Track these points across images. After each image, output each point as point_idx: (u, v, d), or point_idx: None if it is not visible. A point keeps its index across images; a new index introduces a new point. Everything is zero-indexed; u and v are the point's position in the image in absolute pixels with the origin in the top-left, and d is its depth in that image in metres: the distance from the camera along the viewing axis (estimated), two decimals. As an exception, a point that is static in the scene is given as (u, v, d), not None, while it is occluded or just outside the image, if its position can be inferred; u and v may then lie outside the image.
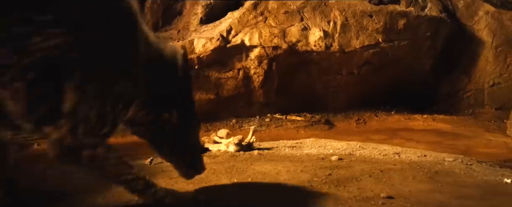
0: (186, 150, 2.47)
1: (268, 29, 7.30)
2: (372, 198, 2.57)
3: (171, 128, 2.34)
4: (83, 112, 1.85)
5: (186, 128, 2.42)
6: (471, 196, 2.65)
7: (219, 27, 7.38)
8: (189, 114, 2.43)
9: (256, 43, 7.18)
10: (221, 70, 7.22)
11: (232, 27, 7.31)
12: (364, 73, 7.96)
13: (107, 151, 2.01)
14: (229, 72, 7.26)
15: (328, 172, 3.16)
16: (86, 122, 1.86)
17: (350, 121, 7.73)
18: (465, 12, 8.52)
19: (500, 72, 8.09)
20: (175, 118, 2.33)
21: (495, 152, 5.63)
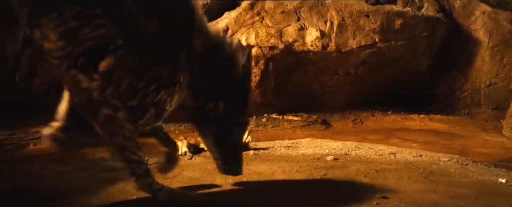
0: (226, 145, 2.54)
1: (265, 29, 7.30)
2: (366, 198, 2.57)
3: (215, 119, 2.44)
4: (117, 76, 1.99)
5: (231, 124, 2.49)
6: (466, 196, 2.65)
7: (216, 27, 7.37)
8: (238, 111, 2.52)
9: (252, 43, 7.18)
10: (217, 70, 7.20)
11: (228, 27, 7.31)
12: (361, 73, 7.96)
13: (124, 121, 2.05)
14: (226, 72, 7.24)
15: (324, 172, 3.16)
16: (117, 86, 2.00)
17: (347, 121, 7.72)
18: (462, 12, 8.53)
19: (496, 72, 8.10)
20: (221, 110, 2.42)
21: (491, 152, 5.63)
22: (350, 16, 7.68)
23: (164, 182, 2.87)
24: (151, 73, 2.10)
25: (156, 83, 2.12)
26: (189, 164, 3.37)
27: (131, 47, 2.01)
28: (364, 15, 7.74)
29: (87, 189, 2.75)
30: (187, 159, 3.56)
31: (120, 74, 2.00)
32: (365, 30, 7.70)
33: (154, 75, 2.11)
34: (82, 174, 3.12)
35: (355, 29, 7.66)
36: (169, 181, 2.90)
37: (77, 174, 3.11)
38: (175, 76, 2.20)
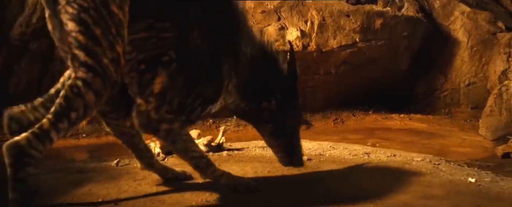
0: (285, 138, 2.78)
1: (245, 28, 7.26)
2: (336, 199, 2.56)
3: (271, 117, 2.71)
4: (169, 96, 2.29)
5: (285, 119, 2.74)
6: (435, 196, 2.66)
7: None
8: (289, 105, 2.76)
9: (233, 43, 7.13)
10: (197, 70, 7.15)
11: (208, 27, 7.26)
12: (342, 72, 7.96)
13: (181, 129, 2.41)
14: (206, 72, 7.20)
15: (295, 173, 3.13)
16: (170, 104, 2.30)
17: (327, 121, 7.74)
18: (441, 12, 8.59)
19: (475, 72, 8.16)
20: (274, 107, 2.69)
21: (468, 151, 5.69)
22: (331, 16, 7.68)
23: (133, 184, 2.85)
24: (199, 90, 2.40)
25: (204, 98, 2.43)
26: (160, 166, 3.32)
27: (183, 62, 2.29)
28: (344, 15, 7.74)
29: (53, 191, 2.69)
30: (159, 160, 3.51)
31: (172, 94, 2.30)
32: (345, 30, 7.70)
33: (202, 92, 2.41)
34: (50, 176, 3.06)
35: (335, 29, 7.66)
36: (137, 183, 2.86)
37: (45, 176, 3.04)
38: (221, 88, 2.50)
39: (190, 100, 2.38)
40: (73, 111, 1.95)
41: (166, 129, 2.35)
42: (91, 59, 1.96)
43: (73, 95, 1.95)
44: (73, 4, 1.94)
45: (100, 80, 1.98)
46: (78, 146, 5.99)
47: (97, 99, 2.01)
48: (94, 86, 1.97)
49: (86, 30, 1.95)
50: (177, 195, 2.60)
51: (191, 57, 2.35)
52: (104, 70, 1.99)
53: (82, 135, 6.28)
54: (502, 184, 2.92)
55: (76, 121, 1.99)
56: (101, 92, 2.00)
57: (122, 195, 2.61)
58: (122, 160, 3.50)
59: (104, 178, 3.00)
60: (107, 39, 1.99)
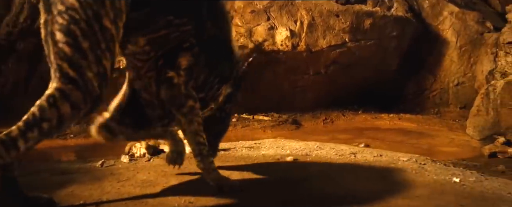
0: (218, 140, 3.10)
1: (235, 28, 7.25)
2: (320, 200, 2.55)
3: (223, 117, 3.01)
4: (196, 73, 2.48)
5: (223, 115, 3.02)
6: (419, 196, 2.65)
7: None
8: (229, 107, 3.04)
9: (222, 43, 7.12)
10: (187, 69, 7.14)
11: (198, 26, 7.25)
12: (331, 72, 7.98)
13: (199, 110, 2.55)
14: (195, 71, 7.19)
15: (281, 173, 3.13)
16: (196, 80, 2.50)
17: (317, 121, 7.75)
18: (430, 12, 8.64)
19: (464, 72, 8.22)
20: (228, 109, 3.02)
21: (456, 151, 5.71)
22: (320, 15, 7.69)
23: (116, 185, 2.82)
24: (217, 69, 2.61)
25: (220, 78, 2.66)
26: (145, 166, 3.30)
27: (203, 46, 2.48)
28: (334, 14, 7.76)
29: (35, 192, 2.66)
30: (144, 161, 3.49)
31: (197, 70, 2.48)
32: (335, 30, 7.72)
33: (219, 71, 2.63)
34: (33, 177, 3.02)
35: (325, 28, 7.67)
36: (121, 184, 2.82)
37: (28, 177, 3.00)
38: (232, 70, 2.79)
39: (212, 78, 2.60)
40: (45, 121, 1.88)
41: (190, 105, 2.50)
42: (73, 72, 1.92)
43: (47, 105, 1.89)
44: (64, 15, 1.91)
45: (80, 94, 1.93)
46: (66, 146, 5.94)
47: (74, 112, 1.93)
48: (72, 98, 1.92)
49: (73, 42, 1.91)
50: (160, 196, 2.57)
51: (207, 43, 2.53)
52: (86, 83, 1.94)
53: (69, 135, 6.24)
54: (486, 184, 2.93)
55: (49, 132, 1.91)
56: (79, 106, 1.94)
57: (104, 196, 2.58)
58: (107, 161, 3.47)
59: (88, 179, 2.97)
60: (94, 53, 1.95)
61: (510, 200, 2.59)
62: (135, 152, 3.69)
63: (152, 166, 3.32)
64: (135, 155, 3.67)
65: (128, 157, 3.55)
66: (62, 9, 1.90)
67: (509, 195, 2.67)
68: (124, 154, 3.65)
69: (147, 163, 3.42)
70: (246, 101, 7.47)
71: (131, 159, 3.54)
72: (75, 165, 3.50)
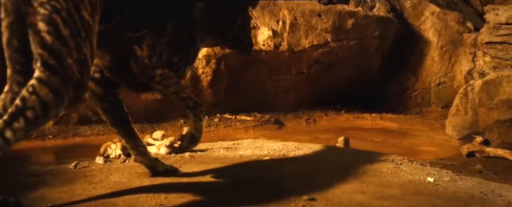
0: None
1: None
2: (293, 200, 2.53)
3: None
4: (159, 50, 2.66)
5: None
6: (392, 196, 2.66)
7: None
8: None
9: (204, 42, 7.08)
10: (168, 69, 7.08)
11: (179, 26, 7.19)
12: (314, 72, 7.98)
13: (171, 74, 2.72)
14: (176, 71, 7.13)
15: (256, 174, 3.11)
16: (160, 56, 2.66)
17: (300, 121, 7.74)
18: (412, 12, 8.69)
19: (445, 72, 8.28)
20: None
21: (435, 150, 5.75)
22: (302, 15, 7.68)
23: (88, 187, 2.78)
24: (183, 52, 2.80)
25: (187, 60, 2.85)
26: (119, 168, 3.26)
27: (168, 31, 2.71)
28: (316, 14, 7.76)
29: (4, 195, 2.60)
30: (120, 162, 3.45)
31: (161, 48, 2.65)
32: (317, 30, 7.72)
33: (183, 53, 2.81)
34: (4, 179, 2.97)
35: (307, 28, 7.67)
36: (92, 186, 2.78)
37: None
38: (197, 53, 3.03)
39: (177, 59, 2.74)
40: (29, 110, 1.92)
41: (160, 73, 2.66)
42: (53, 59, 1.96)
43: (27, 93, 1.93)
44: (47, 6, 1.97)
45: (58, 79, 1.96)
46: (44, 147, 5.85)
47: (57, 98, 1.97)
48: (50, 84, 1.95)
49: (55, 30, 1.97)
50: (131, 198, 2.53)
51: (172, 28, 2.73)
52: (64, 69, 1.98)
53: (48, 136, 6.14)
54: (459, 184, 2.94)
55: (37, 120, 1.95)
56: (60, 91, 1.97)
57: (74, 198, 2.54)
58: (81, 163, 3.42)
59: (60, 181, 2.92)
60: (74, 40, 2.02)
61: (482, 199, 2.61)
62: (110, 153, 3.64)
63: (127, 167, 3.28)
64: (110, 156, 3.62)
65: (103, 159, 3.51)
66: (44, 0, 1.96)
67: (481, 195, 2.68)
68: (99, 155, 3.60)
69: (122, 165, 3.38)
70: (229, 101, 7.46)
71: (106, 161, 3.50)
72: (48, 166, 3.43)
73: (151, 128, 6.50)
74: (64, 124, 6.44)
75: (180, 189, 2.72)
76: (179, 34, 2.78)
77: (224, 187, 2.82)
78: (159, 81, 2.69)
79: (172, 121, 7.00)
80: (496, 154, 4.69)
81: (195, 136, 2.94)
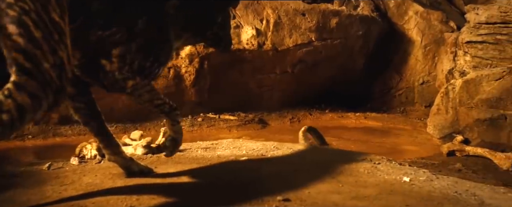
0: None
1: (200, 27, 7.16)
2: (267, 201, 2.51)
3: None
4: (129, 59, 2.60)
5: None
6: (367, 196, 2.64)
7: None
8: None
9: (187, 41, 7.03)
10: (150, 69, 7.02)
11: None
12: (298, 71, 7.97)
13: (142, 82, 2.68)
14: (159, 71, 7.07)
15: (233, 174, 3.08)
16: (131, 66, 2.60)
17: (284, 120, 7.72)
18: (396, 12, 8.71)
19: (429, 71, 8.32)
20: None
21: (417, 149, 5.77)
22: (286, 14, 7.67)
23: (59, 189, 2.73)
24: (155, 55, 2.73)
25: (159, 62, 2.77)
26: (94, 169, 3.21)
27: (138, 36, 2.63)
28: (300, 13, 7.75)
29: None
30: (95, 163, 3.39)
31: (131, 57, 2.59)
32: (301, 29, 7.71)
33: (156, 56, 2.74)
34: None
35: (291, 27, 7.65)
36: (64, 187, 2.74)
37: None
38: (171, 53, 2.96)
39: (149, 63, 2.68)
40: (4, 113, 1.86)
41: (132, 84, 2.63)
42: (28, 62, 1.91)
43: (3, 96, 1.87)
44: (15, 7, 1.90)
45: (36, 83, 1.92)
46: (24, 147, 5.78)
47: (35, 103, 1.93)
48: (28, 89, 1.91)
49: (26, 32, 1.91)
50: (101, 200, 2.49)
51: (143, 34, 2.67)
52: (42, 74, 1.93)
53: (28, 136, 6.06)
54: (435, 183, 2.93)
55: (13, 124, 1.89)
56: (39, 95, 1.93)
57: (43, 200, 2.49)
58: (55, 163, 3.36)
59: (31, 183, 2.86)
60: (48, 43, 1.96)
61: (455, 199, 2.61)
62: (85, 153, 3.59)
63: (101, 168, 3.23)
64: (85, 157, 3.57)
65: (78, 159, 3.45)
66: (12, 1, 1.89)
67: (455, 194, 2.68)
68: (74, 156, 3.54)
69: (97, 165, 3.33)
70: (212, 100, 7.42)
71: (81, 161, 3.44)
72: (21, 167, 3.37)
73: (133, 127, 6.44)
74: (44, 124, 6.35)
75: (153, 190, 2.69)
76: (151, 33, 2.70)
77: (198, 188, 2.79)
78: (131, 91, 2.66)
79: (155, 121, 6.95)
80: (475, 153, 4.71)
81: (176, 139, 2.97)
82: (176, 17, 2.86)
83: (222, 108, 7.44)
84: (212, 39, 3.22)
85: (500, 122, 4.59)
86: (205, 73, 7.25)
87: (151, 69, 2.73)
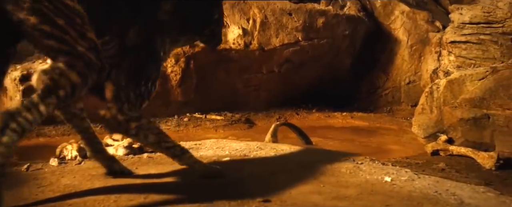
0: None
1: (185, 26, 7.12)
2: (247, 202, 2.49)
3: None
4: (124, 96, 2.52)
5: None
6: (348, 197, 2.64)
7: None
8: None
9: (172, 41, 6.98)
10: (136, 68, 6.96)
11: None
12: (285, 71, 7.96)
13: (149, 123, 2.68)
14: (144, 70, 7.02)
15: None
16: (128, 101, 2.53)
17: (270, 120, 7.68)
18: (382, 12, 8.74)
19: (415, 70, 8.36)
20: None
21: (402, 149, 5.78)
22: (273, 14, 7.66)
23: (36, 191, 2.69)
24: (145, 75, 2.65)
25: (151, 79, 2.70)
26: (73, 170, 3.17)
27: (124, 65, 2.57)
28: (286, 13, 7.75)
29: None
30: (74, 164, 3.35)
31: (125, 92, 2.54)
32: (288, 28, 7.70)
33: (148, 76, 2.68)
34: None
35: (278, 27, 7.64)
36: (41, 189, 2.70)
37: None
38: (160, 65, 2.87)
39: (143, 87, 2.62)
40: (61, 89, 2.05)
41: (136, 126, 2.57)
42: (64, 45, 2.05)
43: (58, 76, 2.04)
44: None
45: (82, 63, 2.08)
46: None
47: (83, 80, 2.09)
48: (77, 68, 2.07)
49: (49, 20, 2.00)
50: (79, 201, 2.46)
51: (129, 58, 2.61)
52: (82, 55, 2.08)
53: (10, 137, 5.95)
54: (416, 183, 2.93)
55: (66, 99, 2.10)
56: (86, 74, 2.10)
57: (19, 203, 2.46)
58: (35, 164, 3.31)
59: (7, 185, 2.78)
60: (74, 29, 2.07)
61: (435, 199, 2.61)
62: (66, 154, 3.53)
63: (81, 169, 3.19)
64: (66, 158, 3.51)
65: (58, 160, 3.40)
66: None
67: (435, 194, 2.68)
68: (54, 157, 3.49)
69: (76, 167, 3.29)
70: (198, 100, 7.39)
71: (60, 162, 3.39)
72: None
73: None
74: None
75: (132, 191, 2.65)
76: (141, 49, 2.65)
77: (177, 189, 2.76)
78: (135, 133, 2.60)
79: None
80: (459, 152, 4.73)
81: (209, 173, 2.94)
82: (171, 22, 2.81)
83: (208, 108, 7.41)
84: (208, 36, 3.19)
85: (483, 122, 4.61)
86: (191, 72, 7.21)
87: (147, 90, 2.69)
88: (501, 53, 5.66)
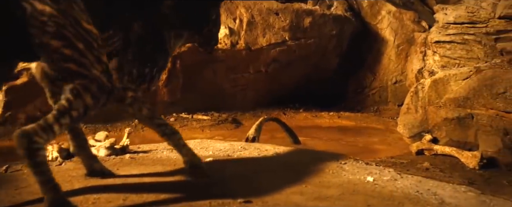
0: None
1: (172, 26, 7.08)
2: (228, 203, 2.47)
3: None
4: (127, 69, 2.63)
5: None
6: (329, 197, 2.63)
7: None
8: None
9: (158, 40, 6.94)
10: (121, 68, 6.91)
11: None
12: (272, 71, 7.95)
13: (144, 98, 2.75)
14: (130, 70, 6.97)
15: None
16: (130, 75, 2.64)
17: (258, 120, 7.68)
18: (369, 11, 8.77)
19: (401, 70, 8.39)
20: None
21: (388, 148, 5.80)
22: (260, 13, 7.64)
23: (14, 193, 2.64)
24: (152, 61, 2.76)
25: (158, 67, 2.81)
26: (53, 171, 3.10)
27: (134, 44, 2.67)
28: (273, 13, 7.74)
29: None
30: (55, 165, 3.30)
31: (129, 66, 2.64)
32: (275, 28, 7.70)
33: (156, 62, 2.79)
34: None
35: (264, 27, 7.63)
36: (18, 191, 2.66)
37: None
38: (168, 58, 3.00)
39: (148, 70, 2.71)
40: (74, 110, 2.17)
41: (131, 96, 2.65)
42: (82, 69, 2.17)
43: (73, 97, 2.16)
44: (50, 23, 2.07)
45: (96, 87, 2.22)
46: (-11, 149, 5.61)
47: (95, 101, 2.23)
48: (91, 91, 2.21)
49: (70, 44, 2.12)
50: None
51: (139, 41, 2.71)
52: (96, 79, 2.21)
53: (-6, 138, 5.89)
54: (398, 183, 2.94)
55: (78, 119, 2.23)
56: (98, 96, 2.24)
57: (-5, 205, 2.41)
58: (14, 166, 3.26)
59: (-16, 187, 2.76)
60: (91, 53, 2.20)
61: (416, 198, 2.61)
62: (47, 155, 3.47)
63: (61, 170, 3.14)
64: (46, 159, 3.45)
65: (38, 161, 3.33)
66: (45, 19, 2.05)
67: (416, 194, 2.68)
68: (35, 158, 3.43)
69: (57, 168, 3.24)
70: (185, 100, 7.35)
71: (41, 164, 3.33)
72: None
73: (103, 128, 6.32)
74: (10, 125, 6.18)
75: (111, 192, 2.62)
76: (146, 38, 2.72)
77: (158, 190, 2.72)
78: (130, 103, 2.67)
79: (126, 121, 6.83)
80: (443, 152, 4.75)
81: (193, 161, 2.94)
82: (173, 17, 2.89)
83: (195, 108, 7.37)
84: (206, 36, 3.24)
85: (467, 121, 4.63)
86: (177, 72, 7.17)
87: (150, 75, 2.76)
88: (485, 53, 5.71)
